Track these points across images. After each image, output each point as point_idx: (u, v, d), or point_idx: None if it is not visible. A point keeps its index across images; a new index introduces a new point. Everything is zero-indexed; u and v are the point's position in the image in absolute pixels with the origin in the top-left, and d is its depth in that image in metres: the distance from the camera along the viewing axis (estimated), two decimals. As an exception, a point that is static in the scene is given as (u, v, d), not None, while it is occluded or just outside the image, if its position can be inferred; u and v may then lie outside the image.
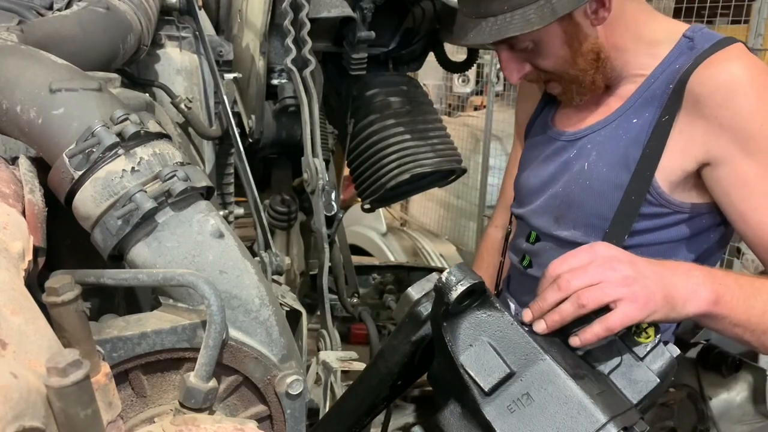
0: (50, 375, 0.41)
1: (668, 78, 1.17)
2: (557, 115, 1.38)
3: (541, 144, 1.37)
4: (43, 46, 0.82)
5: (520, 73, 1.25)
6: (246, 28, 1.72)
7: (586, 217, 1.23)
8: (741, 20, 4.06)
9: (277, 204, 2.04)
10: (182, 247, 0.67)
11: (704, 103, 1.10)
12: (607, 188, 1.21)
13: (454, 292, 0.83)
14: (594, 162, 1.23)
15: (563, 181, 1.28)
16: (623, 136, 1.21)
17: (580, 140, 1.28)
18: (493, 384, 0.80)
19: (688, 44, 1.17)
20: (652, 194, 1.17)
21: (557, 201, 1.29)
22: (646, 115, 1.19)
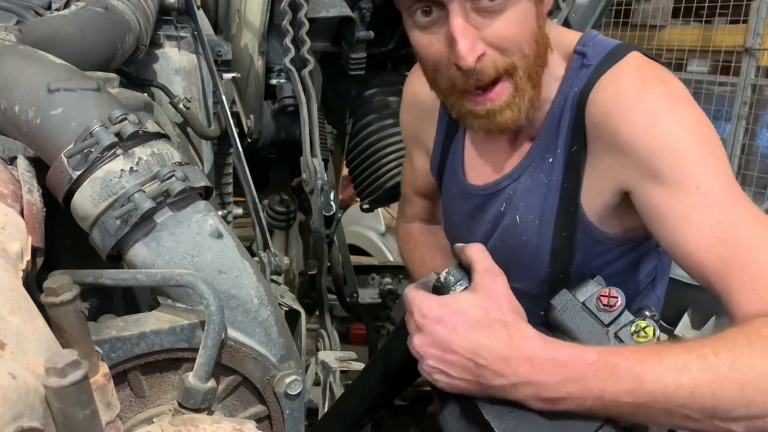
0: (49, 375, 0.41)
1: (570, 104, 1.03)
2: (468, 164, 1.20)
3: (460, 199, 1.22)
4: (42, 45, 0.81)
5: (479, 51, 0.96)
6: (244, 27, 1.72)
7: (531, 271, 1.12)
8: (740, 20, 4.07)
9: (276, 204, 2.05)
10: (181, 247, 0.67)
11: (602, 132, 0.98)
12: (541, 240, 1.09)
13: (453, 291, 0.83)
14: (524, 213, 1.10)
15: (499, 238, 1.15)
16: (544, 180, 1.08)
17: (503, 191, 1.13)
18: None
19: (582, 61, 1.03)
20: (586, 231, 1.06)
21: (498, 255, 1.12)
22: (558, 152, 1.06)
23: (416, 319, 0.84)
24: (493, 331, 0.81)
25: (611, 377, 0.77)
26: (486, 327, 0.81)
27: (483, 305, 0.82)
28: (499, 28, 0.96)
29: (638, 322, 0.85)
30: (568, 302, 0.87)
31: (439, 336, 0.82)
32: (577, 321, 0.86)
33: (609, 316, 0.85)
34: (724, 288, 0.88)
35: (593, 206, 1.04)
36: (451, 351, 0.81)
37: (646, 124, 0.94)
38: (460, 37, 0.94)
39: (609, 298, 0.86)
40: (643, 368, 0.77)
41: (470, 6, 0.94)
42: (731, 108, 4.10)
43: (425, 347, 0.83)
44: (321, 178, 1.57)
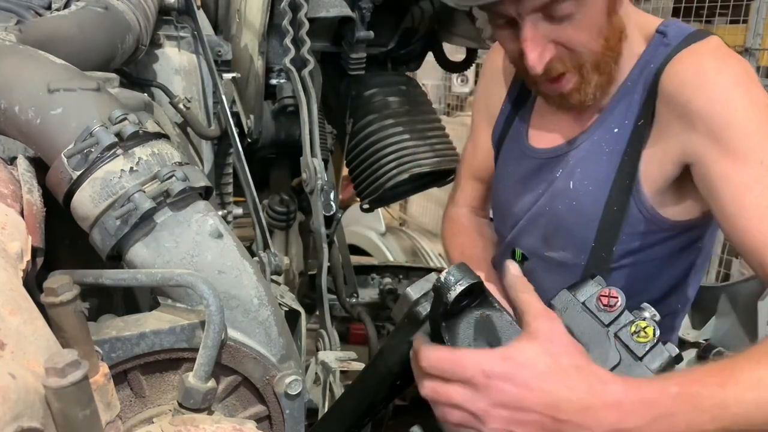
0: (49, 375, 0.41)
1: (644, 79, 1.08)
2: (532, 129, 1.25)
3: (517, 162, 1.25)
4: (42, 46, 0.81)
5: (548, 56, 1.03)
6: (244, 27, 1.72)
7: (576, 239, 1.14)
8: (740, 20, 4.07)
9: (276, 204, 2.05)
10: (181, 247, 0.67)
11: (675, 100, 1.02)
12: (594, 208, 1.11)
13: (453, 291, 0.83)
14: (579, 180, 1.13)
15: (549, 201, 1.17)
16: (606, 149, 1.11)
17: (562, 157, 1.16)
18: None
19: (662, 40, 1.08)
20: (640, 209, 1.08)
21: (544, 221, 1.19)
22: (625, 123, 1.09)
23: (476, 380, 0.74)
24: (570, 380, 0.73)
25: (696, 408, 0.74)
26: (562, 377, 0.73)
27: (550, 351, 0.74)
28: (568, 32, 1.02)
29: (638, 323, 0.84)
30: (568, 302, 0.87)
31: (511, 395, 0.72)
32: (577, 321, 0.86)
33: (609, 316, 0.85)
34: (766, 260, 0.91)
35: (652, 179, 1.07)
36: (527, 410, 0.72)
37: (722, 95, 0.98)
38: (529, 50, 1.02)
39: (609, 298, 0.86)
40: (725, 393, 0.74)
41: (540, 16, 1.01)
42: (731, 108, 4.09)
43: (493, 409, 0.73)
44: (321, 178, 1.57)
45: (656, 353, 0.83)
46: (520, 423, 0.73)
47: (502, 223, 1.33)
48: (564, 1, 0.99)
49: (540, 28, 1.01)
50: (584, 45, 1.03)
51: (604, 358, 0.84)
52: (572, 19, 1.01)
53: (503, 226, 1.32)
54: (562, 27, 1.02)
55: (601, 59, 1.06)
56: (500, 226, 1.34)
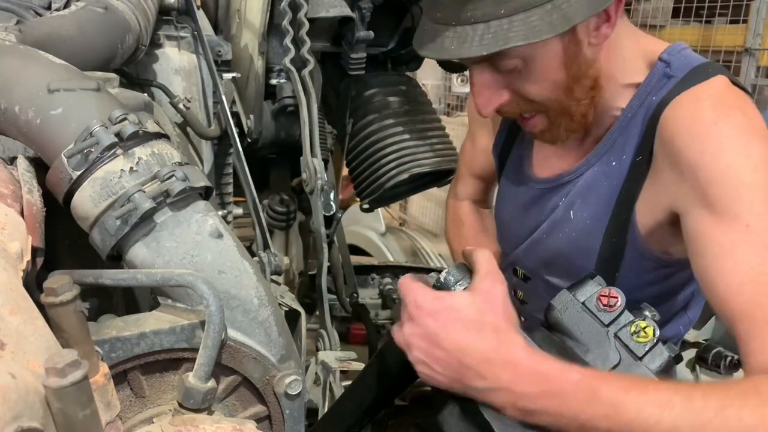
0: (49, 375, 0.41)
1: (644, 111, 1.02)
2: (535, 155, 1.22)
3: (518, 188, 1.24)
4: (41, 46, 0.81)
5: (496, 102, 1.01)
6: (244, 27, 1.72)
7: (577, 268, 1.11)
8: (740, 20, 4.07)
9: (276, 204, 2.05)
10: (181, 247, 0.67)
11: (670, 147, 0.96)
12: (593, 240, 1.09)
13: (453, 291, 0.83)
14: (578, 211, 1.11)
15: (548, 230, 1.16)
16: (604, 182, 1.07)
17: (563, 187, 1.14)
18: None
19: (665, 70, 1.01)
20: (634, 245, 1.06)
21: (542, 248, 1.18)
22: (623, 158, 1.05)
23: (409, 309, 0.84)
24: (483, 333, 0.81)
25: (590, 400, 0.76)
26: (477, 328, 0.81)
27: (478, 307, 0.82)
28: (520, 85, 0.99)
29: (638, 323, 0.84)
30: (568, 302, 0.87)
31: (430, 329, 0.82)
32: (577, 321, 0.86)
33: (609, 316, 0.85)
34: (743, 331, 0.86)
35: (645, 221, 1.04)
36: (439, 346, 0.81)
37: (714, 149, 0.91)
38: (475, 96, 1.02)
39: (609, 298, 0.86)
40: (625, 397, 0.76)
41: (487, 65, 0.98)
42: (731, 108, 4.09)
43: (414, 337, 0.83)
44: (321, 178, 1.57)
45: (656, 353, 0.84)
46: (432, 357, 0.82)
47: (504, 241, 1.32)
48: (507, 59, 0.96)
49: (487, 77, 0.99)
50: (537, 96, 1.00)
51: (604, 358, 0.84)
52: (520, 72, 0.98)
53: (506, 244, 1.31)
54: (512, 78, 0.99)
55: (566, 106, 1.02)
56: (503, 243, 1.34)
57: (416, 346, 0.83)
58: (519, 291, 1.28)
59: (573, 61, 0.97)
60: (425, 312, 0.83)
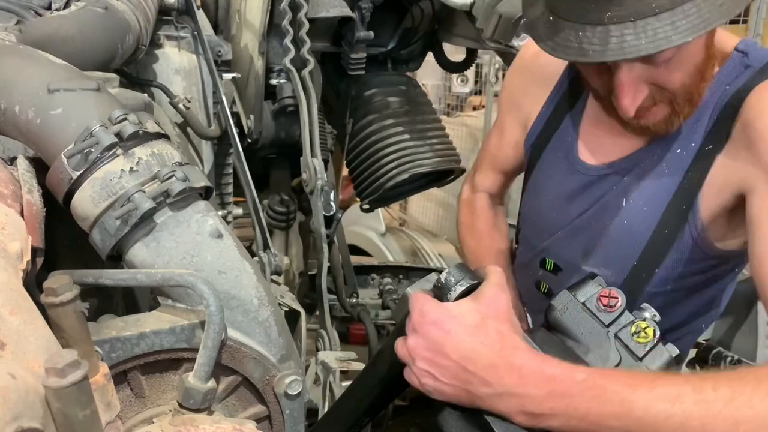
0: (49, 375, 0.41)
1: (718, 101, 1.02)
2: (582, 143, 1.18)
3: (564, 176, 1.19)
4: (42, 46, 0.81)
5: (641, 98, 0.98)
6: (245, 28, 1.72)
7: (619, 257, 1.10)
8: (740, 20, 4.06)
9: (276, 204, 2.05)
10: (181, 247, 0.67)
11: (750, 128, 0.96)
12: (645, 228, 1.07)
13: (454, 292, 0.83)
14: (634, 198, 1.09)
15: (596, 215, 1.14)
16: (666, 170, 1.06)
17: (617, 174, 1.12)
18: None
19: (742, 60, 1.02)
20: (693, 235, 1.04)
21: (587, 234, 1.15)
22: (692, 145, 1.04)
23: (413, 319, 0.83)
24: (486, 338, 0.79)
25: (598, 398, 0.75)
26: (480, 333, 0.79)
27: (482, 312, 0.81)
28: (664, 74, 0.97)
29: (638, 323, 0.84)
30: (568, 303, 0.87)
31: (433, 338, 0.80)
32: (578, 321, 0.86)
33: (609, 316, 0.85)
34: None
35: (710, 206, 1.03)
36: (443, 354, 0.80)
37: None
38: (623, 94, 0.97)
39: (609, 298, 0.86)
40: (633, 394, 0.75)
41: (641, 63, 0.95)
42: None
43: (418, 349, 0.81)
44: (321, 178, 1.57)
45: (656, 354, 0.84)
46: (437, 365, 0.80)
47: (534, 232, 1.28)
48: (662, 56, 0.93)
49: (635, 71, 0.96)
50: (678, 83, 0.98)
51: (605, 359, 0.84)
52: (668, 62, 0.96)
53: (535, 235, 1.28)
54: (658, 69, 0.96)
55: (694, 91, 1.01)
56: (531, 235, 1.30)
57: (420, 357, 0.81)
58: (544, 283, 1.26)
59: (711, 41, 0.98)
60: (428, 321, 0.81)
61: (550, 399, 0.76)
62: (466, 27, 1.92)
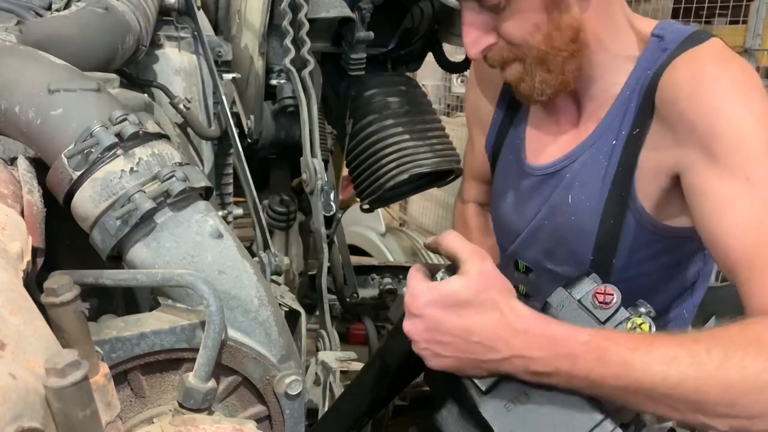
0: (49, 375, 0.41)
1: (641, 85, 1.04)
2: (528, 144, 1.22)
3: (515, 178, 1.23)
4: (42, 46, 0.81)
5: (484, 44, 1.04)
6: (245, 28, 1.72)
7: (575, 254, 1.13)
8: (739, 20, 4.07)
9: (276, 204, 2.04)
10: (181, 247, 0.67)
11: (671, 110, 0.98)
12: (592, 222, 1.09)
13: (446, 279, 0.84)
14: (576, 194, 1.11)
15: (547, 216, 1.17)
16: (603, 162, 1.08)
17: (559, 172, 1.14)
18: (490, 383, 0.80)
19: (659, 44, 1.03)
20: (638, 220, 1.06)
21: (543, 235, 1.18)
22: (622, 133, 1.06)
23: (407, 303, 0.85)
24: (484, 309, 0.82)
25: (599, 359, 0.78)
26: (477, 306, 0.82)
27: (472, 287, 0.82)
28: (503, 24, 1.02)
29: (634, 319, 0.85)
30: (564, 300, 0.88)
31: (430, 319, 0.83)
32: (573, 318, 0.87)
33: (605, 313, 0.85)
34: (743, 279, 0.89)
35: (648, 189, 1.04)
36: (442, 332, 0.82)
37: (717, 104, 0.93)
38: (465, 35, 1.05)
39: (605, 295, 0.86)
40: (632, 356, 0.77)
41: (477, 5, 1.02)
42: (731, 108, 4.09)
43: (416, 331, 0.84)
44: (321, 178, 1.57)
45: None
46: (438, 343, 0.83)
47: (502, 235, 1.32)
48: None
49: (477, 16, 1.03)
50: (517, 38, 1.03)
51: None
52: (503, 10, 1.01)
53: (504, 238, 1.31)
54: (498, 18, 1.02)
55: (545, 56, 1.03)
56: (501, 237, 1.33)
57: (420, 338, 0.84)
58: (521, 285, 1.28)
59: (555, 5, 1.00)
60: (423, 303, 0.83)
61: (555, 359, 0.79)
62: (466, 27, 1.92)
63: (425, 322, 0.83)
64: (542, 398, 0.80)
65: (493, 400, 0.81)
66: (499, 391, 0.82)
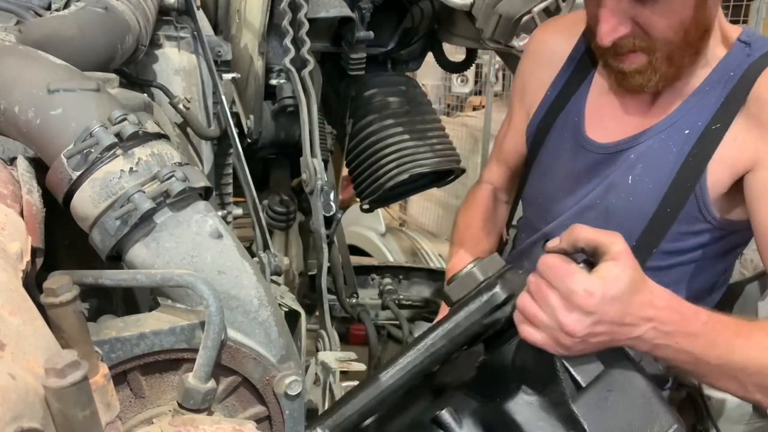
0: (48, 376, 0.41)
1: (724, 84, 1.07)
2: (589, 121, 1.21)
3: (572, 155, 1.22)
4: (41, 46, 0.81)
5: (621, 32, 1.02)
6: (244, 28, 1.72)
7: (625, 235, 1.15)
8: (740, 20, 4.07)
9: (276, 204, 2.04)
10: (180, 247, 0.67)
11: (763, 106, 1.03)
12: (650, 206, 1.10)
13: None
14: (639, 176, 1.12)
15: (602, 194, 1.16)
16: (673, 149, 1.10)
17: (623, 152, 1.15)
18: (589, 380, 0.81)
19: (744, 50, 1.08)
20: (700, 208, 1.08)
21: (593, 214, 1.17)
22: (698, 125, 1.08)
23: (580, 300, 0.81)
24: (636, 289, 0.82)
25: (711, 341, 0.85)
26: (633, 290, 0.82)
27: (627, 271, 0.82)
28: (648, 15, 1.01)
29: None
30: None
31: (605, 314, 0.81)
32: None
33: None
34: None
35: (719, 181, 1.07)
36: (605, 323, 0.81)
37: None
38: (604, 20, 1.02)
39: None
40: (735, 341, 0.85)
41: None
42: (731, 108, 4.09)
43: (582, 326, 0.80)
44: (321, 178, 1.57)
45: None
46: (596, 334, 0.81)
47: (539, 214, 1.30)
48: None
49: (618, 3, 1.01)
50: (661, 32, 1.02)
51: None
52: (656, 2, 0.99)
53: (540, 218, 1.29)
54: (644, 8, 1.00)
55: (675, 51, 1.04)
56: (537, 216, 1.31)
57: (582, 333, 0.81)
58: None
59: (702, 3, 1.00)
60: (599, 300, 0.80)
61: (678, 335, 0.84)
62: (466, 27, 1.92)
63: (598, 317, 0.80)
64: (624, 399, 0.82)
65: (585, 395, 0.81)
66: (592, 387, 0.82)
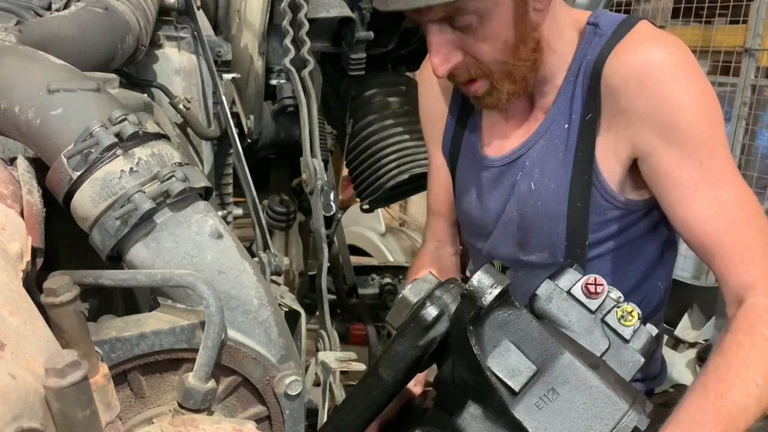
0: (48, 376, 0.41)
1: (584, 72, 1.09)
2: (485, 140, 1.25)
3: (475, 172, 1.26)
4: (42, 46, 0.81)
5: (453, 61, 1.06)
6: (244, 28, 1.72)
7: (548, 239, 1.16)
8: (740, 20, 4.07)
9: (276, 204, 2.05)
10: (181, 247, 0.67)
11: (620, 94, 1.04)
12: (559, 205, 1.13)
13: (489, 295, 0.81)
14: (539, 180, 1.15)
15: (515, 207, 1.19)
16: (560, 146, 1.13)
17: (518, 160, 1.18)
18: (522, 384, 0.80)
19: (595, 31, 1.09)
20: (605, 197, 1.11)
21: (514, 227, 1.20)
22: (573, 117, 1.11)
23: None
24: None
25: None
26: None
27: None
28: (472, 43, 1.05)
29: (624, 307, 0.87)
30: (552, 291, 0.88)
31: None
32: (564, 310, 0.87)
33: (595, 302, 0.87)
34: (716, 262, 1.01)
35: (610, 168, 1.09)
36: None
37: (666, 93, 1.01)
38: (433, 54, 1.06)
39: (596, 285, 0.88)
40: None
41: (446, 24, 1.03)
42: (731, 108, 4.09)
43: None
44: (321, 178, 1.57)
45: (640, 334, 0.87)
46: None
47: (473, 236, 1.33)
48: (463, 15, 1.01)
49: (445, 35, 1.05)
50: (488, 55, 1.06)
51: (595, 344, 0.86)
52: (474, 30, 1.03)
53: (475, 238, 1.32)
54: (467, 37, 1.04)
55: (512, 69, 1.08)
56: (472, 238, 1.34)
57: None
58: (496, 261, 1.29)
59: (521, 21, 1.04)
60: None
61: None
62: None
63: None
64: (570, 394, 0.79)
65: (524, 400, 0.80)
66: (528, 390, 0.81)
